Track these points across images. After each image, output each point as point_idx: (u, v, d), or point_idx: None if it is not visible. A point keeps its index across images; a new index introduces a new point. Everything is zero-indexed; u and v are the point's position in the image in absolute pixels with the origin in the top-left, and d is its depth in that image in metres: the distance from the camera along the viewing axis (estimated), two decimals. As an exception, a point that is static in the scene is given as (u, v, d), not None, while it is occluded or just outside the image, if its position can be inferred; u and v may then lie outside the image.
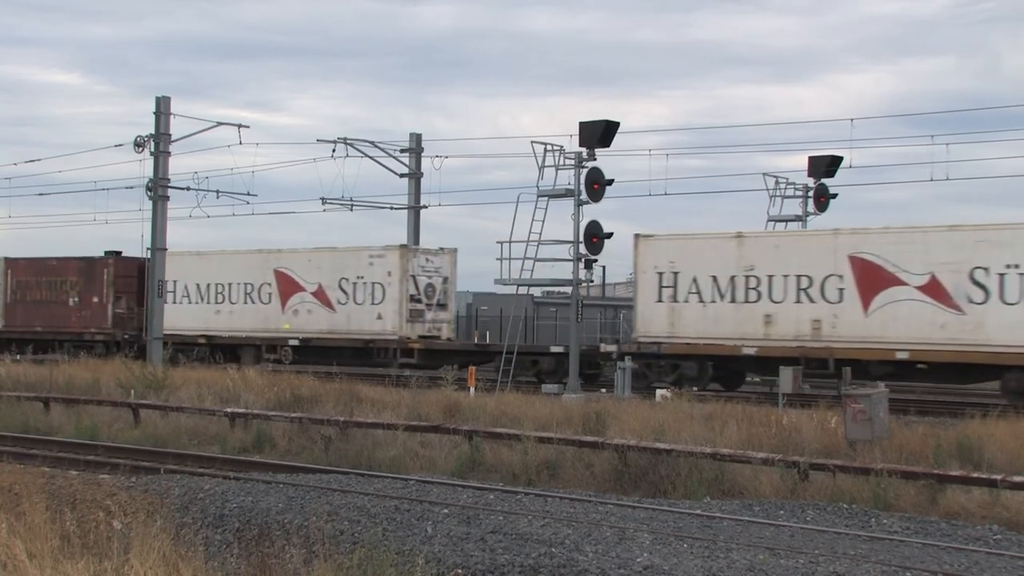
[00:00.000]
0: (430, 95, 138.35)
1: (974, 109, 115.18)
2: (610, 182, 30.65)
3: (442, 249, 38.97)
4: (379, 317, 37.40)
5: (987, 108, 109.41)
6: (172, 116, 38.11)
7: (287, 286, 39.66)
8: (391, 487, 15.55)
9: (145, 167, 38.35)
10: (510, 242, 31.60)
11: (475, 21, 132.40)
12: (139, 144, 37.87)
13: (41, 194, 55.60)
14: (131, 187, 41.10)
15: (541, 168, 30.97)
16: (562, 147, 31.08)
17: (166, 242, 38.37)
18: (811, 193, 36.06)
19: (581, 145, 30.49)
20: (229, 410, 22.85)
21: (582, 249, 30.47)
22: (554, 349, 34.72)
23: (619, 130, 30.67)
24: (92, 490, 13.43)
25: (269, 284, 40.06)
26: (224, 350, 39.79)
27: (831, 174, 35.76)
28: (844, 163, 35.04)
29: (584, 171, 30.43)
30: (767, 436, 17.97)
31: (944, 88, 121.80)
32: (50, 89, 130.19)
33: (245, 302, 40.93)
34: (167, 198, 38.24)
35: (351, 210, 41.98)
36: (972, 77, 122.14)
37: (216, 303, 41.98)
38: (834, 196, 36.23)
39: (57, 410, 25.38)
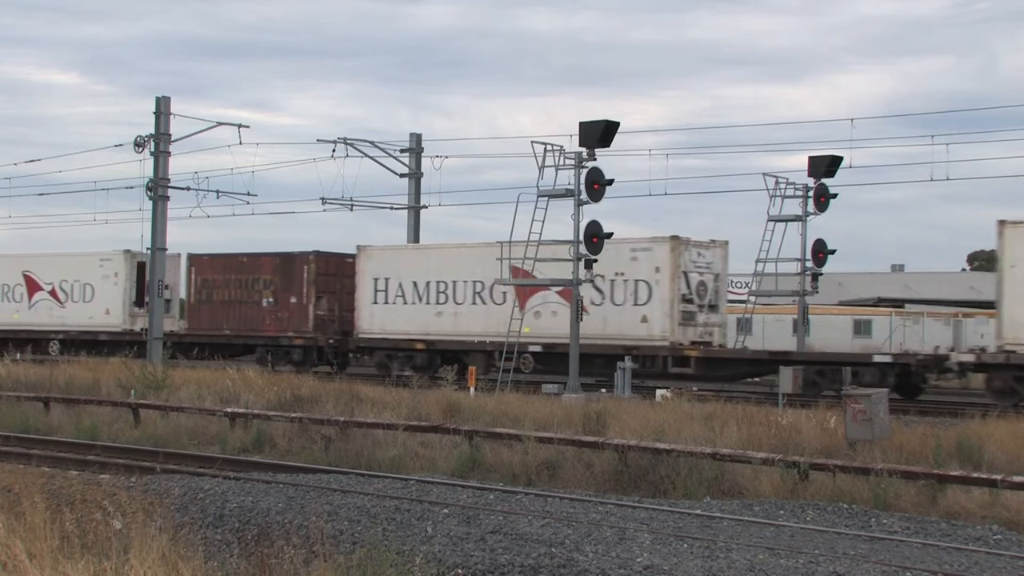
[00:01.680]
0: (427, 95, 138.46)
1: (974, 109, 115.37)
2: (610, 182, 30.62)
3: (713, 241, 34.37)
4: (644, 320, 32.84)
5: (987, 108, 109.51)
6: (172, 116, 38.16)
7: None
8: (391, 487, 15.55)
9: (145, 167, 38.45)
10: (510, 242, 31.57)
11: (472, 21, 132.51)
12: (139, 144, 37.94)
13: (41, 194, 55.70)
14: (131, 187, 41.23)
15: (541, 168, 30.94)
16: (562, 147, 31.07)
17: (166, 242, 38.42)
18: (811, 193, 36.03)
19: (581, 145, 30.46)
20: (229, 410, 22.84)
21: (582, 249, 30.44)
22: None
23: (617, 130, 30.66)
24: (92, 490, 13.42)
25: None
26: (446, 357, 36.05)
27: (831, 174, 35.70)
28: (844, 163, 35.04)
29: (584, 171, 30.40)
30: (767, 436, 17.96)
31: (942, 88, 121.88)
32: (48, 89, 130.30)
33: (473, 302, 36.10)
34: (167, 198, 38.29)
35: (351, 210, 42.05)
36: (969, 77, 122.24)
37: (438, 304, 36.96)
38: (834, 196, 36.19)
39: (57, 410, 25.37)
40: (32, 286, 47.80)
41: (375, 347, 37.86)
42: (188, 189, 39.57)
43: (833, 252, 34.89)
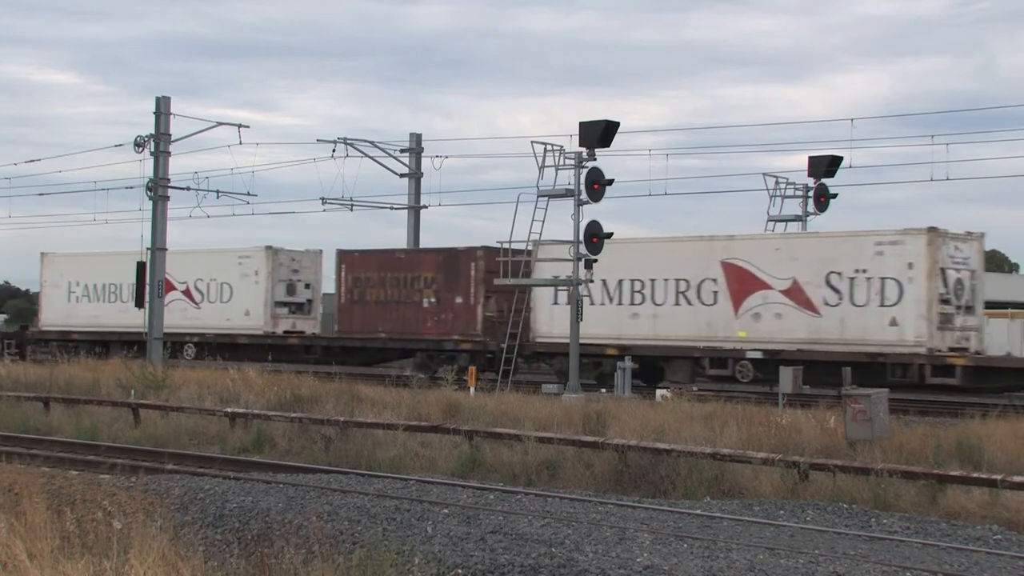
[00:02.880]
0: (427, 95, 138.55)
1: (973, 109, 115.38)
2: (610, 182, 30.63)
3: (970, 234, 30.90)
4: (893, 323, 29.54)
5: (986, 108, 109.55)
6: (172, 116, 38.16)
7: (742, 282, 31.79)
8: (391, 487, 15.55)
9: (145, 167, 38.40)
10: (510, 242, 31.59)
11: (471, 21, 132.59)
12: (139, 144, 37.91)
13: (41, 194, 55.71)
14: (131, 187, 41.15)
15: (541, 168, 30.96)
16: (562, 147, 31.09)
17: (166, 242, 38.40)
18: (811, 193, 36.06)
19: (581, 145, 30.47)
20: (229, 410, 22.85)
21: (582, 249, 30.46)
22: None
23: (618, 130, 30.68)
24: (92, 490, 13.42)
25: (714, 280, 32.27)
26: (643, 363, 33.22)
27: (831, 174, 35.76)
28: (844, 163, 35.08)
29: (584, 171, 30.41)
30: (767, 436, 17.96)
31: (941, 88, 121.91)
32: (46, 89, 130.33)
33: (676, 303, 33.07)
34: (167, 198, 38.26)
35: (351, 210, 42.08)
36: (968, 77, 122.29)
37: (633, 304, 33.89)
38: (834, 196, 36.25)
39: (57, 410, 25.37)
40: (164, 285, 43.85)
41: (555, 352, 34.03)
42: (188, 189, 39.56)
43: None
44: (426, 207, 42.86)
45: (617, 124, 30.41)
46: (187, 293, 43.61)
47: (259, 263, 42.31)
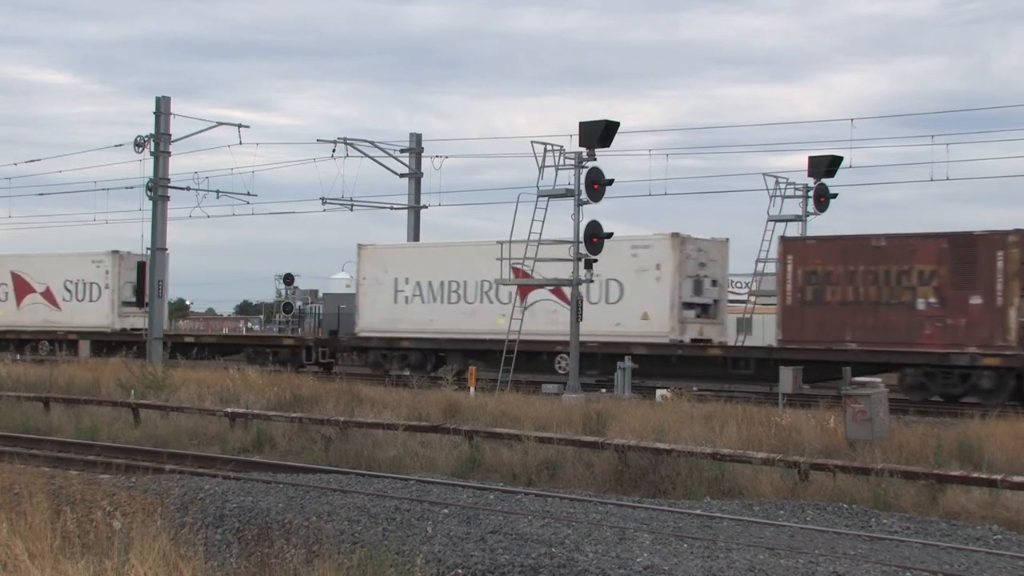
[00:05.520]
0: (424, 95, 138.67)
1: (972, 109, 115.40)
2: (610, 182, 30.62)
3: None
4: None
5: (984, 108, 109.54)
6: (172, 116, 38.18)
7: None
8: (391, 487, 15.55)
9: (145, 167, 38.44)
10: (510, 242, 31.57)
11: (466, 21, 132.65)
12: (139, 144, 37.93)
13: (41, 194, 55.76)
14: (131, 187, 41.20)
15: (541, 168, 30.95)
16: (562, 147, 31.09)
17: (166, 242, 38.41)
18: (811, 193, 36.08)
19: (581, 145, 30.46)
20: (229, 410, 22.84)
21: (582, 249, 30.44)
22: None
23: (617, 130, 30.67)
24: (92, 490, 13.43)
25: None
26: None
27: (831, 174, 35.78)
28: (844, 163, 35.08)
29: (584, 171, 30.41)
30: (767, 436, 17.96)
31: (936, 88, 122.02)
32: (43, 89, 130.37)
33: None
34: (167, 198, 38.29)
35: (351, 210, 42.09)
36: (962, 77, 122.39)
37: None
38: (834, 196, 36.26)
39: (57, 410, 25.37)
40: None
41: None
42: (188, 189, 39.59)
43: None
44: (426, 207, 42.88)
45: (617, 124, 30.41)
46: (558, 292, 34.90)
47: (662, 254, 33.96)
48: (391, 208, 43.36)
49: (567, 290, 31.98)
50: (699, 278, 34.14)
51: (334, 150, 40.62)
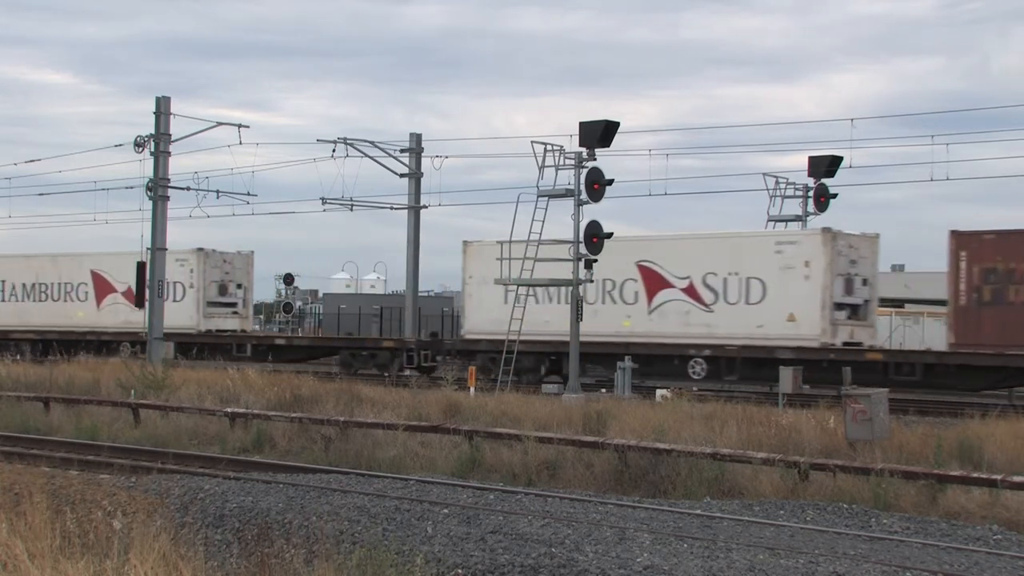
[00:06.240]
0: (423, 95, 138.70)
1: (972, 109, 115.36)
2: (610, 182, 30.63)
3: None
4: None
5: (984, 108, 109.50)
6: (172, 116, 38.16)
7: None
8: (391, 487, 15.55)
9: (145, 167, 38.38)
10: (510, 242, 31.56)
11: (465, 21, 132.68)
12: (139, 144, 37.88)
13: (41, 194, 55.62)
14: (131, 187, 41.12)
15: (541, 168, 30.96)
16: (562, 147, 31.09)
17: (166, 242, 38.38)
18: (811, 193, 36.09)
19: (581, 145, 30.47)
20: (229, 410, 22.84)
21: (582, 249, 30.45)
22: None
23: (618, 130, 30.67)
24: (92, 490, 13.44)
25: None
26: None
27: (831, 174, 35.78)
28: (844, 163, 35.07)
29: (584, 171, 30.42)
30: (767, 436, 17.96)
31: (935, 88, 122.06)
32: (42, 89, 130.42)
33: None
34: (167, 198, 38.24)
35: (351, 210, 42.05)
36: (962, 77, 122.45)
37: None
38: (834, 196, 36.27)
39: (57, 410, 25.36)
40: (650, 280, 33.21)
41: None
42: (188, 189, 39.53)
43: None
44: (426, 207, 42.81)
45: (617, 124, 30.41)
46: (690, 291, 32.15)
47: (811, 251, 31.14)
48: (391, 208, 43.31)
49: (701, 290, 31.04)
50: (850, 276, 31.64)
51: (334, 150, 40.54)
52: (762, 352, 30.89)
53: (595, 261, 30.53)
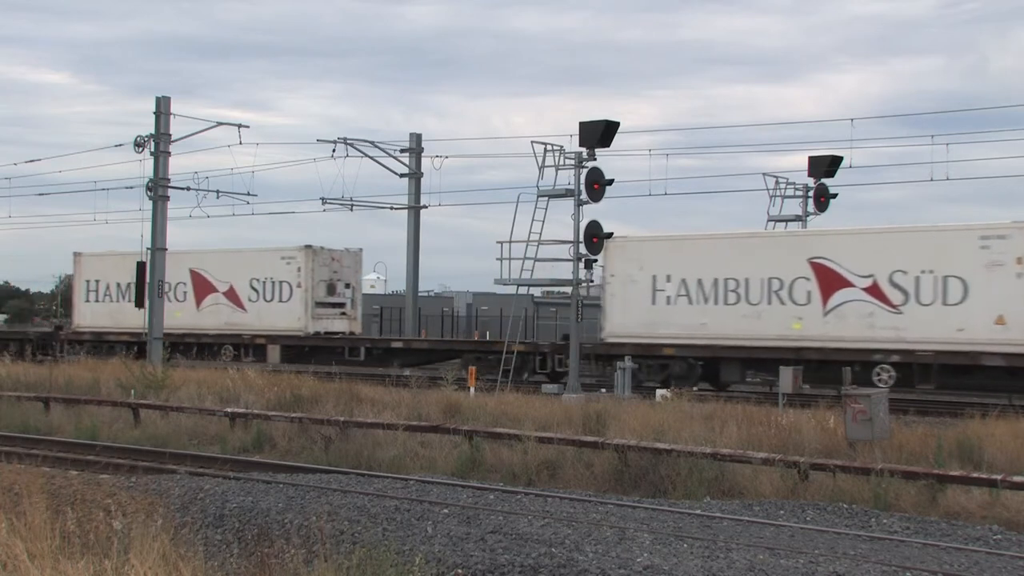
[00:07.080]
0: (420, 95, 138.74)
1: (971, 109, 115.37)
2: (610, 182, 30.66)
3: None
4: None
5: (984, 108, 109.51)
6: (171, 116, 38.15)
7: None
8: (391, 487, 15.55)
9: (145, 167, 38.36)
10: (510, 242, 31.58)
11: (462, 21, 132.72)
12: (139, 144, 37.87)
13: (41, 194, 55.61)
14: (131, 187, 41.10)
15: (541, 168, 30.99)
16: (562, 147, 31.12)
17: (166, 242, 38.37)
18: (811, 193, 36.11)
19: (581, 145, 30.50)
20: (229, 410, 22.84)
21: (582, 249, 30.46)
22: None
23: (618, 130, 30.70)
24: (92, 490, 13.42)
25: None
26: None
27: (831, 174, 35.82)
28: (844, 163, 35.10)
29: (584, 171, 30.43)
30: (767, 436, 17.97)
31: (933, 88, 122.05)
32: (41, 89, 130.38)
33: None
34: (167, 198, 38.23)
35: (351, 210, 42.07)
36: (960, 77, 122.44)
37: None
38: (834, 196, 36.30)
39: (57, 410, 25.37)
40: (825, 279, 29.82)
41: None
42: (188, 189, 39.53)
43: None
44: (426, 207, 42.85)
45: (617, 124, 30.44)
46: (873, 291, 29.20)
47: (1018, 245, 27.55)
48: (391, 208, 43.35)
49: (887, 289, 28.50)
50: None
51: (334, 150, 40.60)
52: (964, 358, 27.87)
53: (595, 261, 30.53)
